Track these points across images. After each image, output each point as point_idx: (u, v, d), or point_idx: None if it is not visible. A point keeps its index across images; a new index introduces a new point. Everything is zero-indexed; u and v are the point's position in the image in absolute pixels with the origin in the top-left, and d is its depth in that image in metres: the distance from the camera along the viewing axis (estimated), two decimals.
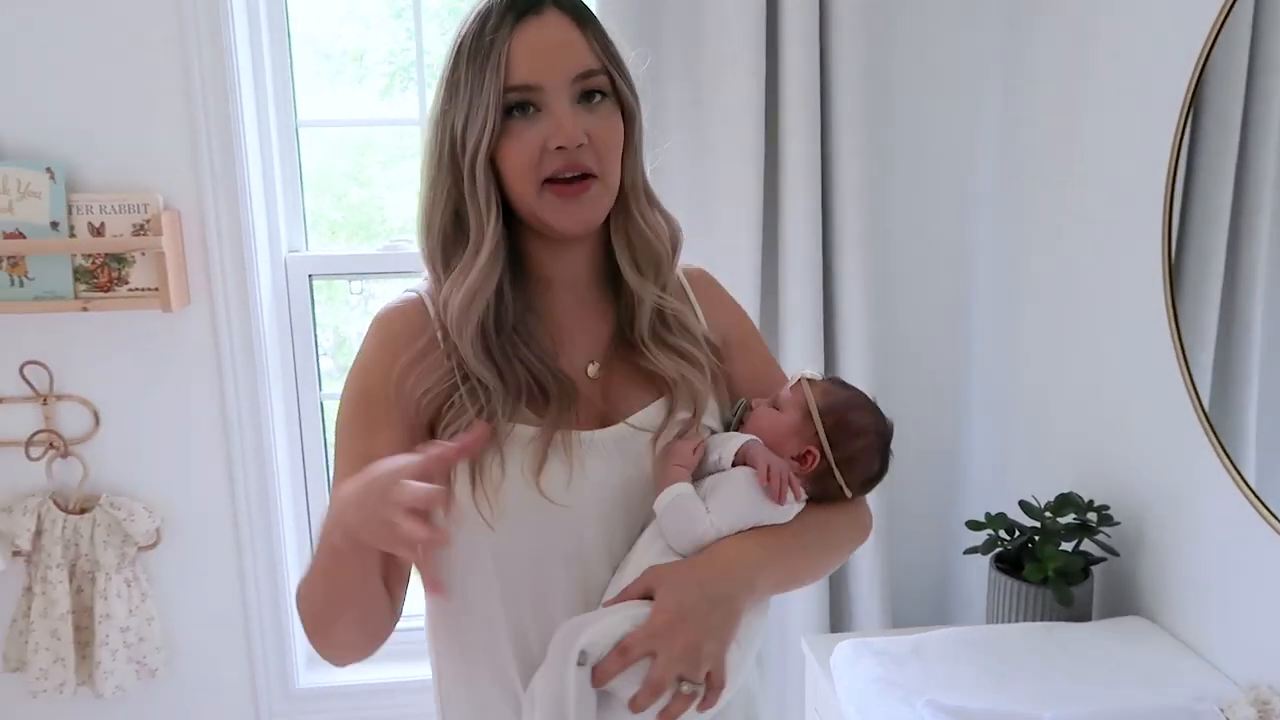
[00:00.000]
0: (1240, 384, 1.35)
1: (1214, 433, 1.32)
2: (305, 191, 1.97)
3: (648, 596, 0.87)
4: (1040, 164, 1.76)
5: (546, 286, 0.98)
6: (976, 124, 1.92)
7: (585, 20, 0.92)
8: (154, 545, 1.91)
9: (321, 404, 2.02)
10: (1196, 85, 1.32)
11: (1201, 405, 1.34)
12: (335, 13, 1.97)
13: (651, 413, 0.97)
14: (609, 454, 0.94)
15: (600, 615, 0.87)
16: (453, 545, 0.93)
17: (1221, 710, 1.18)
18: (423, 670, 1.14)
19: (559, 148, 0.88)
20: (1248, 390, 1.34)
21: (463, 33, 0.91)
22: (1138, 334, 1.47)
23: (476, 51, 0.89)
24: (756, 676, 1.05)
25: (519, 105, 0.89)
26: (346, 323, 2.12)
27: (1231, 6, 1.25)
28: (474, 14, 0.90)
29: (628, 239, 0.97)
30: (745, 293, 1.80)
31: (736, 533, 0.91)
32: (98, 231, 1.75)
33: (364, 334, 0.98)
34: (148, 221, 1.75)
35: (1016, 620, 1.49)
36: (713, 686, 0.85)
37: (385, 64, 2.03)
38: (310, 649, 2.22)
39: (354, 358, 0.98)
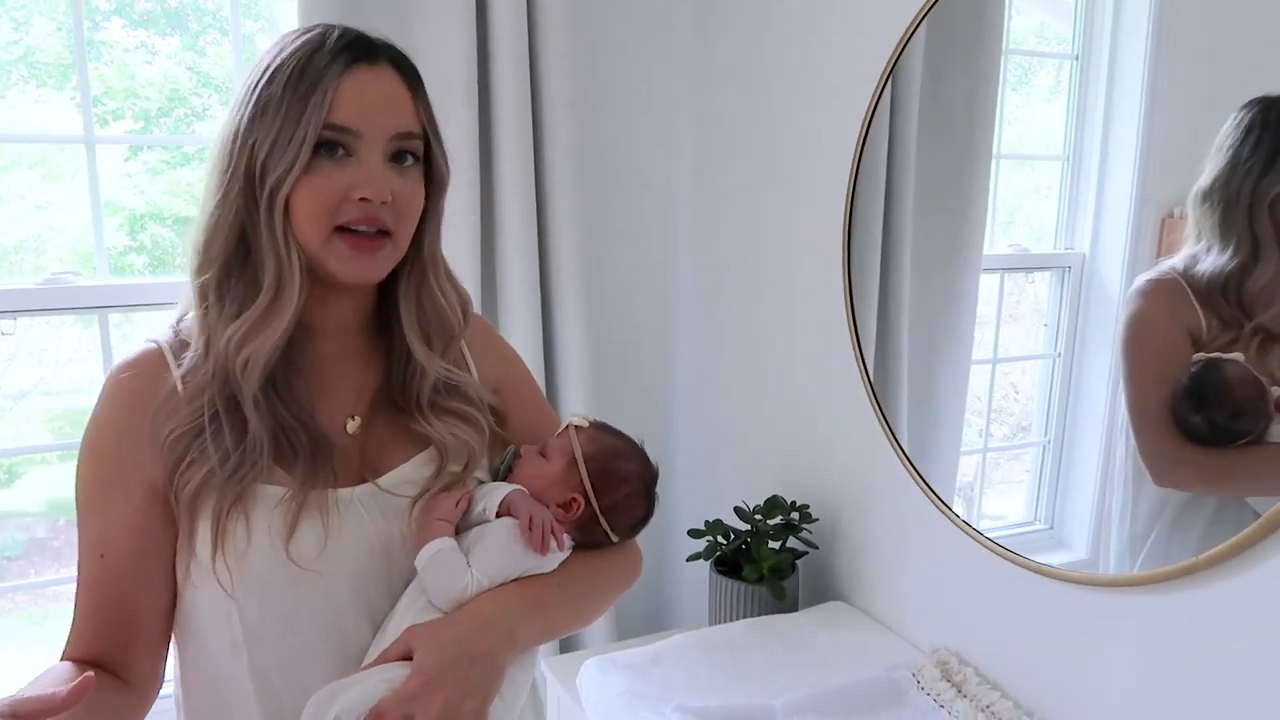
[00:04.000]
0: (894, 384, 1.57)
1: (890, 432, 1.52)
2: None
3: (407, 658, 0.85)
4: (731, 192, 1.93)
5: (307, 334, 0.92)
6: (673, 149, 2.05)
7: (415, 82, 0.90)
8: None
9: None
10: (868, 127, 1.52)
11: (880, 409, 1.54)
12: None
13: (410, 469, 0.94)
14: (367, 512, 0.91)
15: (355, 680, 0.84)
16: (196, 608, 0.89)
17: (913, 674, 1.37)
18: None
19: (362, 199, 0.84)
20: (899, 391, 1.57)
21: (283, 56, 0.85)
22: (823, 349, 1.66)
23: (299, 81, 0.83)
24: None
25: (329, 144, 0.84)
26: None
27: (912, 33, 1.44)
28: (301, 42, 0.85)
29: (419, 309, 0.94)
30: None
31: (498, 585, 0.90)
32: None
33: (100, 396, 0.89)
34: None
35: (737, 617, 1.61)
36: None
37: None
38: None
39: (88, 423, 0.88)
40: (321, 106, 0.83)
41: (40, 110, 1.77)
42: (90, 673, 0.73)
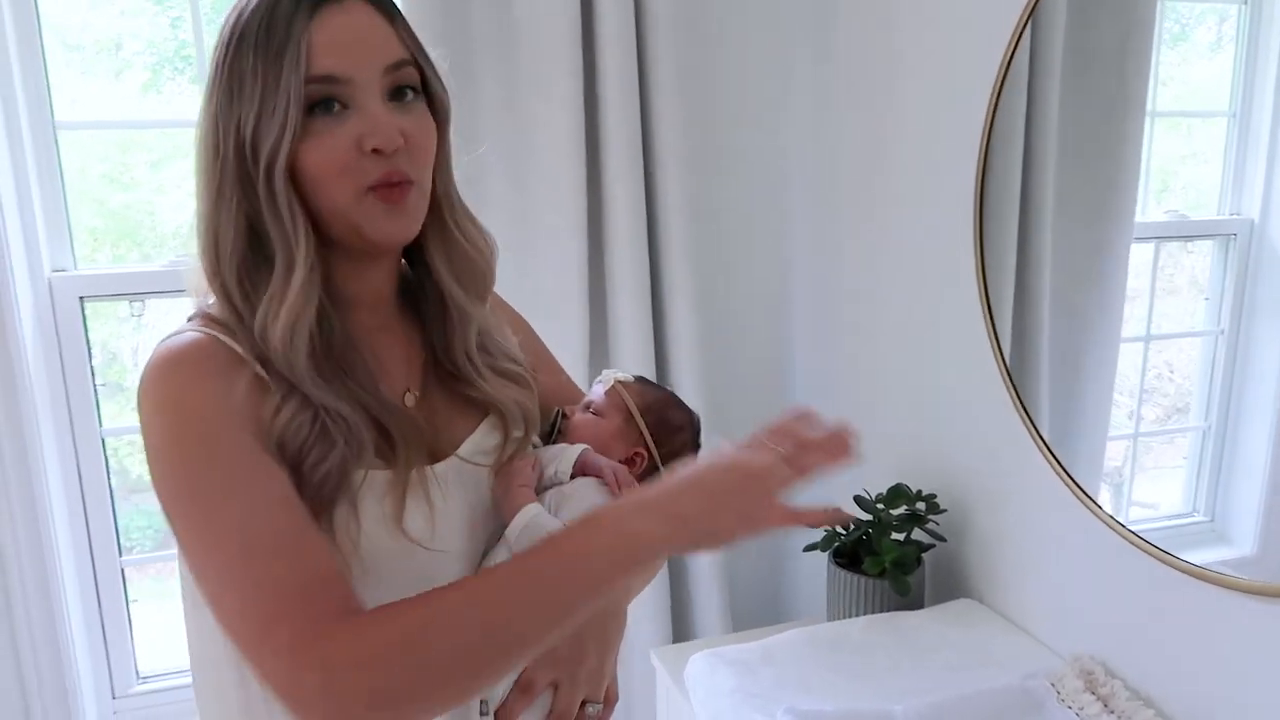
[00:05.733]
0: (1033, 365, 1.45)
1: (1026, 414, 1.40)
2: (69, 202, 1.74)
3: None
4: (851, 162, 1.81)
5: (347, 309, 0.87)
6: (790, 124, 1.95)
7: (391, 11, 0.83)
8: None
9: (103, 441, 1.79)
10: (1003, 80, 1.39)
11: (1015, 390, 1.41)
12: None
13: (480, 437, 0.92)
14: (453, 487, 0.89)
15: None
16: None
17: (1052, 684, 1.24)
18: None
19: (374, 150, 0.78)
20: (1039, 372, 1.44)
21: (243, 20, 0.79)
22: (953, 326, 1.54)
23: (268, 41, 0.77)
24: None
25: (322, 101, 0.78)
26: (117, 337, 1.90)
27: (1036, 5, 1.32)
28: (256, 1, 0.79)
29: (447, 255, 0.90)
30: (573, 303, 1.75)
31: None
32: None
33: (162, 386, 0.79)
34: None
35: (857, 612, 1.52)
36: (609, 700, 0.89)
37: (147, 54, 1.83)
38: None
39: (162, 416, 0.78)
40: (298, 64, 0.76)
41: (195, 103, 1.83)
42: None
